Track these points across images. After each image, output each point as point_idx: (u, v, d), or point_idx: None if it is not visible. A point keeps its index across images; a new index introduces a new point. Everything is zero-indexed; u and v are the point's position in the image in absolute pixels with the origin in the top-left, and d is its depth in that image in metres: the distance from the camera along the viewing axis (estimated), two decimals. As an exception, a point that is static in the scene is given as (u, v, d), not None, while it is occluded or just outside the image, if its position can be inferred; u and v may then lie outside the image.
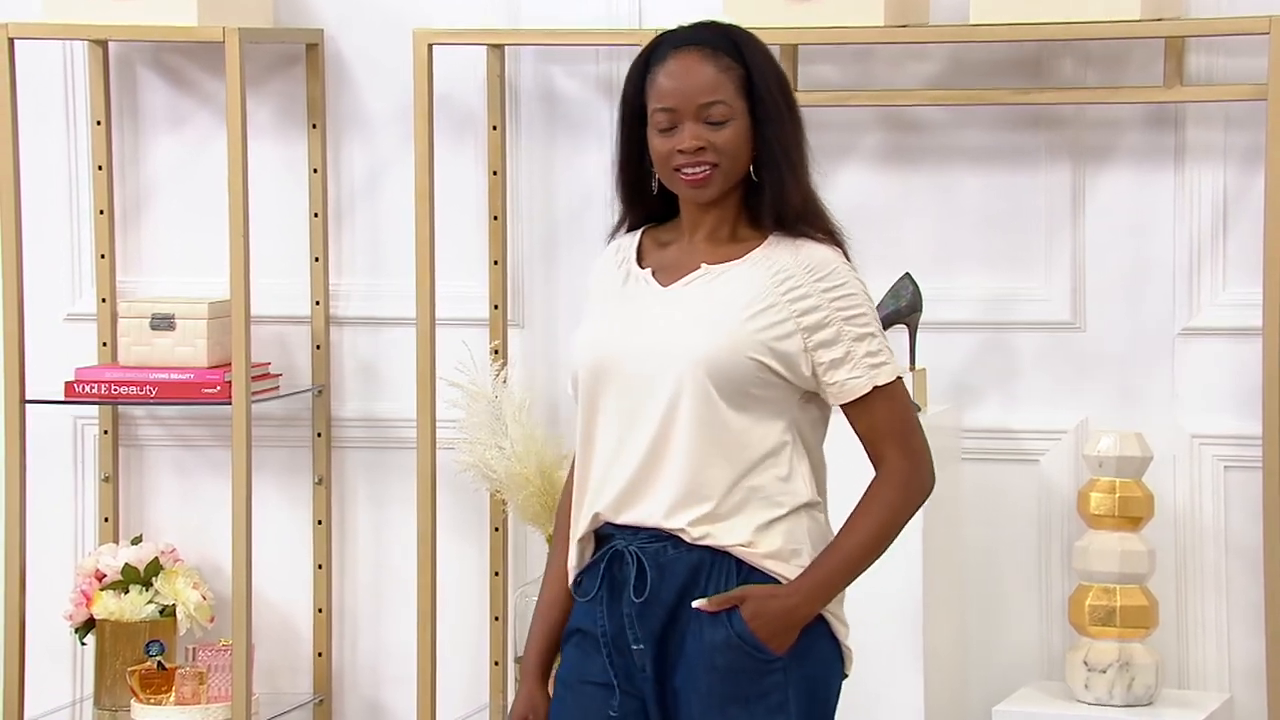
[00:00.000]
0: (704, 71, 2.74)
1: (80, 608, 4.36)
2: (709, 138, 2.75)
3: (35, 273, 4.39)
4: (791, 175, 2.76)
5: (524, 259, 4.37)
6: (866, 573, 2.85)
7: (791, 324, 2.76)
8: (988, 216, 4.18)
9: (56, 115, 4.49)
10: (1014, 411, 4.19)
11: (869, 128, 4.21)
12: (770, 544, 2.77)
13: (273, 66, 4.43)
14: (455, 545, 4.40)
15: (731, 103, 2.75)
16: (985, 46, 4.10)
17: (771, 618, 2.72)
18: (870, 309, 2.79)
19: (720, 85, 2.74)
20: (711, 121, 2.75)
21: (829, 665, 2.78)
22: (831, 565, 2.74)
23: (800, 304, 2.76)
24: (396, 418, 4.41)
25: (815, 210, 2.82)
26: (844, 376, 2.75)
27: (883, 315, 4.03)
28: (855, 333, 2.75)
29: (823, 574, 2.73)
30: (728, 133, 2.75)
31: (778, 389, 2.77)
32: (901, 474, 2.76)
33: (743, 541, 2.76)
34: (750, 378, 2.76)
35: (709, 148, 2.75)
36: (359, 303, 4.45)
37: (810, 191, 2.82)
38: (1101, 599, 4.00)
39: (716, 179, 2.76)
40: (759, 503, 2.77)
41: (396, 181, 4.38)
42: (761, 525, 2.77)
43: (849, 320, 2.75)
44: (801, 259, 2.77)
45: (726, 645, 2.73)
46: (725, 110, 2.74)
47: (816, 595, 2.73)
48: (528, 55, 4.35)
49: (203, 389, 4.23)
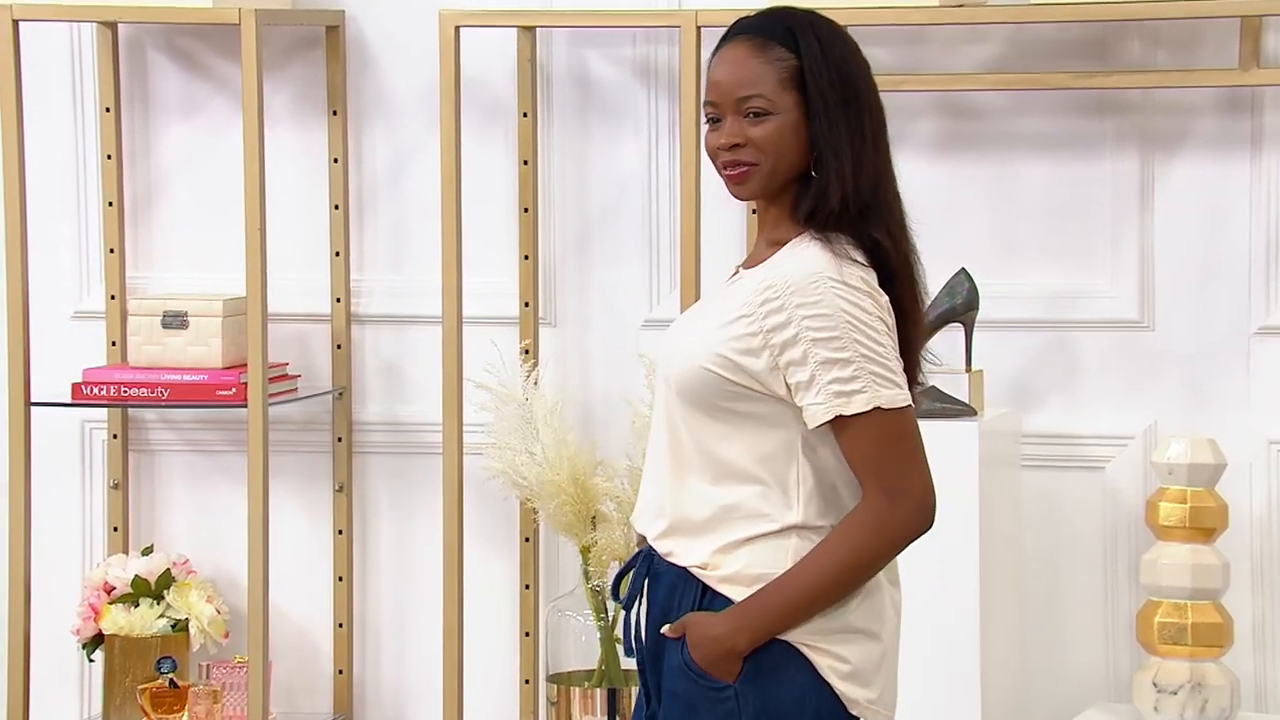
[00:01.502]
0: (746, 64, 2.71)
1: (88, 622, 4.36)
2: (747, 133, 2.71)
3: (41, 268, 4.41)
4: (839, 174, 2.69)
5: (556, 253, 4.37)
6: (920, 587, 2.83)
7: (760, 339, 2.69)
8: (1049, 208, 4.17)
9: (63, 102, 4.49)
10: (1077, 416, 4.18)
11: (923, 114, 4.20)
12: (730, 566, 2.71)
13: (291, 50, 4.43)
14: (483, 556, 4.40)
15: (773, 96, 2.70)
16: (1048, 27, 4.11)
17: (707, 646, 2.70)
18: (849, 331, 2.66)
19: (761, 78, 2.70)
20: (750, 116, 2.71)
21: (800, 701, 2.69)
22: (771, 598, 2.68)
23: (773, 318, 2.69)
24: (421, 421, 4.41)
25: (868, 213, 2.72)
26: (808, 401, 2.67)
27: (937, 313, 3.99)
28: (822, 356, 2.65)
29: (758, 606, 2.68)
30: (768, 128, 2.70)
31: (765, 403, 2.70)
32: (874, 514, 2.67)
33: (699, 562, 2.72)
34: (714, 389, 2.71)
35: (748, 144, 2.71)
36: (382, 300, 4.45)
37: (867, 191, 2.72)
38: (1172, 616, 3.99)
39: (755, 177, 2.72)
40: (733, 522, 2.72)
41: (422, 172, 4.38)
42: (726, 546, 2.72)
43: (817, 342, 2.66)
44: (788, 267, 2.69)
45: (681, 672, 2.73)
46: (764, 104, 2.70)
47: (749, 627, 2.68)
48: (561, 37, 4.34)
49: (217, 391, 4.22)
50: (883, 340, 2.68)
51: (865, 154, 2.72)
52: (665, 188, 4.29)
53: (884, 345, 2.68)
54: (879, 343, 2.67)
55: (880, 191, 2.74)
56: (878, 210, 2.73)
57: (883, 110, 2.77)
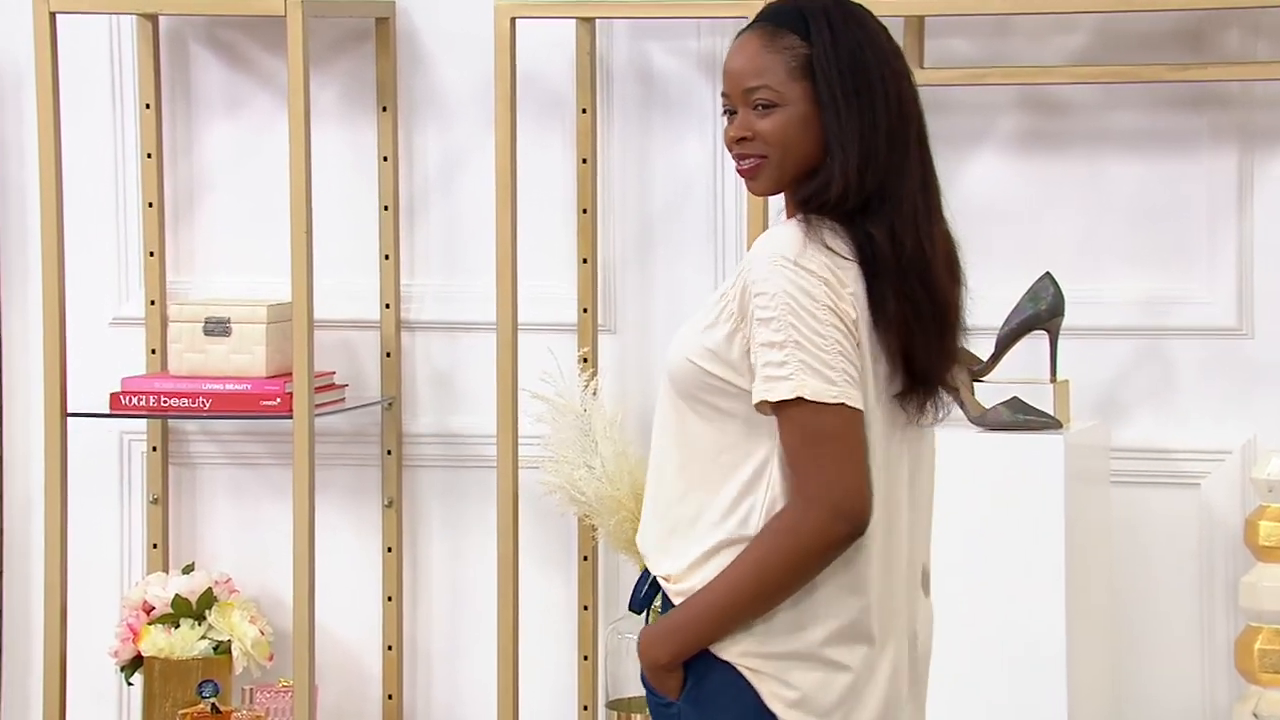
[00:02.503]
0: (755, 54, 2.71)
1: (126, 644, 4.35)
2: (755, 126, 2.71)
3: (78, 273, 4.39)
4: (844, 166, 2.67)
5: (616, 256, 4.35)
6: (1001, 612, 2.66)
7: (732, 324, 2.70)
8: (1141, 209, 4.15)
9: (102, 98, 4.48)
10: (1171, 429, 4.16)
11: (1006, 109, 4.19)
12: (691, 579, 2.69)
13: (339, 43, 4.43)
14: (539, 576, 4.40)
15: (780, 87, 2.69)
16: (1140, 16, 4.08)
17: (641, 659, 2.72)
18: (786, 314, 2.64)
19: (768, 68, 2.70)
20: (759, 108, 2.71)
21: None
22: (690, 608, 2.68)
23: (736, 302, 2.70)
24: (474, 433, 4.40)
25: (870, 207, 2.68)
26: (753, 385, 2.66)
27: (1020, 320, 4.01)
28: (762, 337, 2.64)
29: (678, 617, 2.68)
30: (776, 120, 2.70)
31: (742, 399, 2.68)
32: (791, 517, 2.63)
33: (664, 574, 2.73)
34: (699, 384, 2.70)
35: (756, 137, 2.71)
36: (433, 305, 4.44)
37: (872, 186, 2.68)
38: (1273, 642, 3.97)
39: (766, 170, 2.72)
40: (707, 527, 2.70)
41: (475, 171, 4.37)
42: (700, 556, 2.69)
43: (760, 322, 2.65)
44: (757, 248, 2.70)
45: (645, 685, 2.77)
46: (771, 95, 2.70)
47: (669, 638, 2.68)
48: (621, 29, 4.33)
49: (261, 401, 4.22)
50: (824, 331, 2.63)
51: (876, 146, 2.68)
52: (730, 187, 4.28)
53: (824, 336, 2.63)
54: (818, 332, 2.63)
55: (891, 187, 2.69)
56: (883, 205, 2.69)
57: (909, 101, 2.72)
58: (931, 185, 2.72)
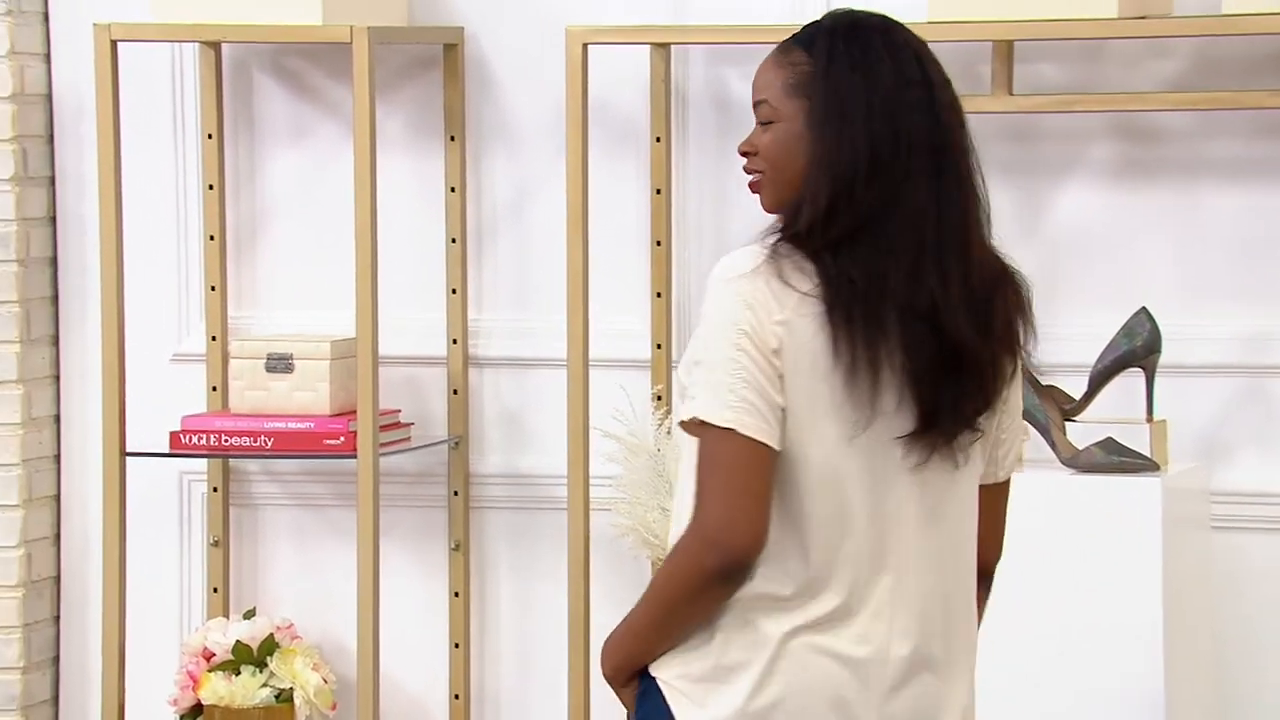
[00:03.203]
0: (766, 68, 2.72)
1: (186, 691, 4.34)
2: (756, 141, 2.72)
3: (137, 307, 4.41)
4: (814, 197, 2.63)
5: (691, 290, 4.33)
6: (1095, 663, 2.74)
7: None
8: (1241, 241, 4.11)
9: (163, 128, 4.50)
10: (1274, 472, 4.11)
11: (1098, 137, 4.15)
12: None
13: (406, 70, 4.43)
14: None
15: (777, 103, 2.69)
16: (1239, 40, 4.05)
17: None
18: (704, 332, 2.66)
19: (770, 83, 2.70)
20: (762, 124, 2.72)
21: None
22: (620, 625, 2.73)
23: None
24: (544, 474, 4.40)
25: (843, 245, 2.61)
26: None
27: (1115, 357, 3.97)
28: (686, 356, 2.68)
29: (613, 633, 2.73)
30: (771, 135, 2.70)
31: None
32: (679, 541, 2.66)
33: None
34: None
35: (756, 153, 2.72)
36: (502, 341, 4.44)
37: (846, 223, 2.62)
38: None
39: (764, 187, 2.72)
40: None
41: (546, 201, 4.37)
42: None
43: (693, 339, 2.69)
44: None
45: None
46: (769, 111, 2.70)
47: (606, 653, 2.74)
48: (697, 55, 4.33)
49: (324, 440, 4.24)
50: (733, 355, 2.61)
51: (854, 177, 2.61)
52: (810, 219, 4.21)
53: (730, 359, 2.61)
54: (727, 355, 2.62)
55: (879, 221, 2.62)
56: (867, 240, 2.63)
57: (917, 130, 2.64)
58: (952, 220, 2.61)
